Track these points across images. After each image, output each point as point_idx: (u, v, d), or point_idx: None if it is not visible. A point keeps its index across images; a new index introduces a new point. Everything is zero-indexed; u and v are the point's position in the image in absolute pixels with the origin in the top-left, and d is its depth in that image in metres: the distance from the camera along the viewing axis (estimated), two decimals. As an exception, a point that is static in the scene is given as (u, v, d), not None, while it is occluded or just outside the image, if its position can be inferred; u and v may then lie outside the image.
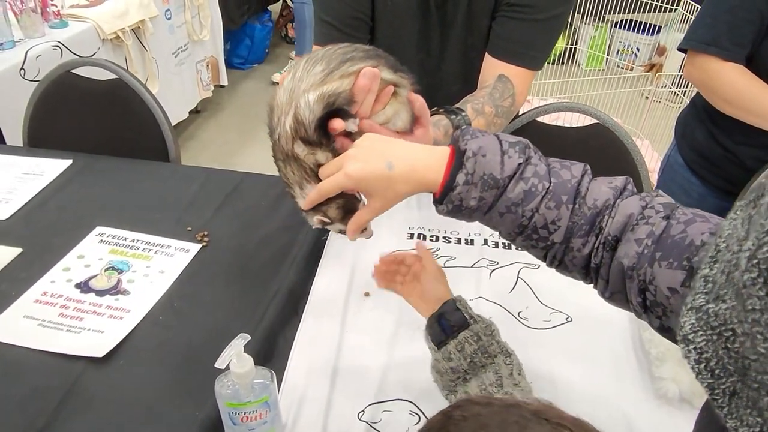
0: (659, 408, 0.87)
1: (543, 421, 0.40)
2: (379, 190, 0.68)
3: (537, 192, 0.62)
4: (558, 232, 0.62)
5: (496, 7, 1.10)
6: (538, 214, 0.62)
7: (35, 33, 2.16)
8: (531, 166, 0.63)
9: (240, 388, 0.73)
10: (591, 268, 0.63)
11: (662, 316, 0.57)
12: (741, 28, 1.22)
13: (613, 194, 0.62)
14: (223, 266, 1.12)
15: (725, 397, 0.30)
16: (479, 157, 0.62)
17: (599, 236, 0.61)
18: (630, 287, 0.59)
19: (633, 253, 0.58)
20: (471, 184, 0.63)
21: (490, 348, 0.74)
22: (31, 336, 0.95)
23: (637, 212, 0.60)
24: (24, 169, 1.37)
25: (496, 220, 0.64)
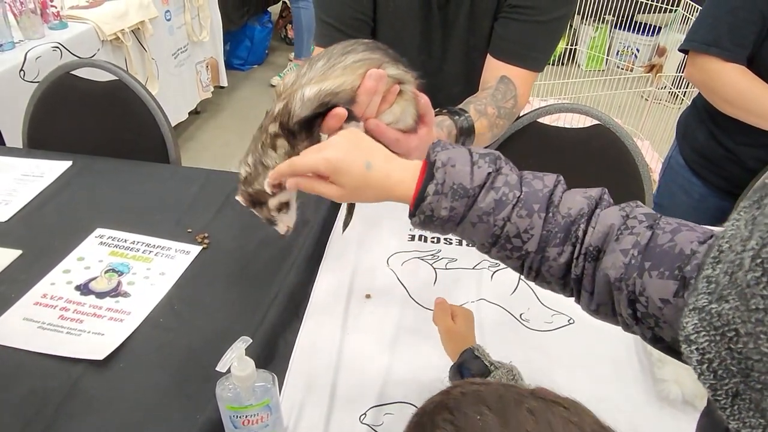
0: (661, 410, 0.86)
1: (539, 399, 0.41)
2: (349, 184, 0.67)
3: (508, 201, 0.62)
4: (531, 240, 0.62)
5: (499, 8, 1.10)
6: (510, 223, 0.62)
7: (35, 34, 2.15)
8: (502, 176, 0.63)
9: (241, 391, 0.72)
10: (571, 279, 0.63)
11: (654, 327, 0.57)
12: (742, 29, 1.22)
13: (587, 204, 0.62)
14: (223, 268, 1.12)
15: (728, 398, 0.30)
16: (448, 167, 0.63)
17: (576, 246, 0.61)
18: (619, 299, 0.58)
19: (620, 264, 0.57)
20: (441, 194, 0.62)
21: None
22: (31, 338, 0.94)
23: (619, 222, 0.60)
24: (24, 171, 1.37)
25: (469, 231, 0.64)
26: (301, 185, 0.71)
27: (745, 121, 1.29)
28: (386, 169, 0.67)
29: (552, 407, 0.41)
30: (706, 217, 1.47)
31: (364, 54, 0.76)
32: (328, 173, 0.68)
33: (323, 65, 0.74)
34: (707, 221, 1.57)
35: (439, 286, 1.09)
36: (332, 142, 0.69)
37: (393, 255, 1.16)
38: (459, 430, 0.39)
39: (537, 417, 0.39)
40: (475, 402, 0.41)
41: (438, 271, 1.12)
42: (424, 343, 0.97)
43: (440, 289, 1.08)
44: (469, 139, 0.95)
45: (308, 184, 0.70)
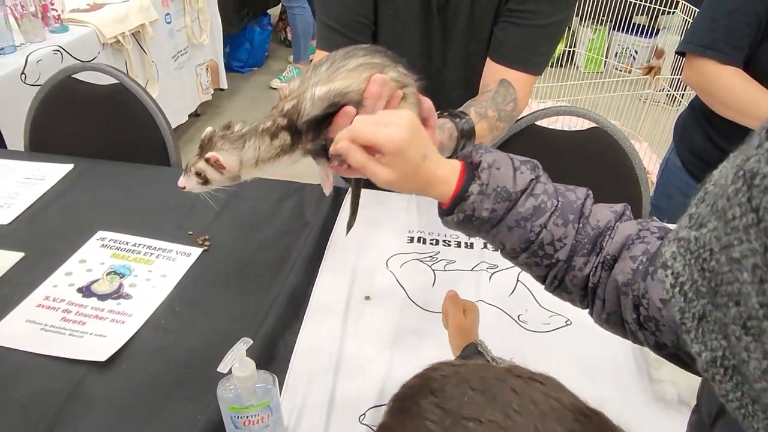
0: (658, 410, 0.87)
1: (518, 377, 0.42)
2: (403, 170, 0.64)
3: (546, 208, 0.63)
4: (563, 249, 0.63)
5: (498, 12, 1.11)
6: (546, 230, 0.63)
7: (36, 37, 2.16)
8: (540, 184, 0.64)
9: (242, 391, 0.73)
10: (589, 288, 0.64)
11: (656, 331, 0.59)
12: (739, 32, 1.23)
13: (614, 217, 0.64)
14: (224, 270, 1.13)
15: (694, 321, 0.31)
16: (493, 169, 0.64)
17: (599, 256, 0.63)
18: (625, 304, 0.60)
19: (628, 270, 0.60)
20: (485, 194, 0.63)
21: None
22: (34, 340, 0.95)
23: (634, 233, 0.62)
24: (25, 174, 1.38)
25: (503, 234, 0.65)
26: (355, 157, 0.65)
27: (742, 123, 1.30)
28: (436, 163, 0.66)
29: (531, 384, 0.42)
30: (703, 218, 1.48)
31: (365, 58, 0.77)
32: (389, 152, 0.63)
33: (327, 69, 0.76)
34: (704, 223, 1.57)
35: (438, 287, 1.10)
36: (397, 121, 0.64)
37: (392, 257, 1.17)
38: (447, 413, 0.40)
39: (520, 394, 0.41)
40: (459, 383, 0.42)
41: (437, 272, 1.13)
42: (423, 343, 0.98)
43: (439, 290, 1.09)
44: (470, 141, 0.96)
45: (362, 158, 0.64)
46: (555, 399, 0.41)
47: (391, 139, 0.63)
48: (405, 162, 0.64)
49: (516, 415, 0.39)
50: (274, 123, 0.76)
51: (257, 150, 0.76)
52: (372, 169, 0.65)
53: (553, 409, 0.40)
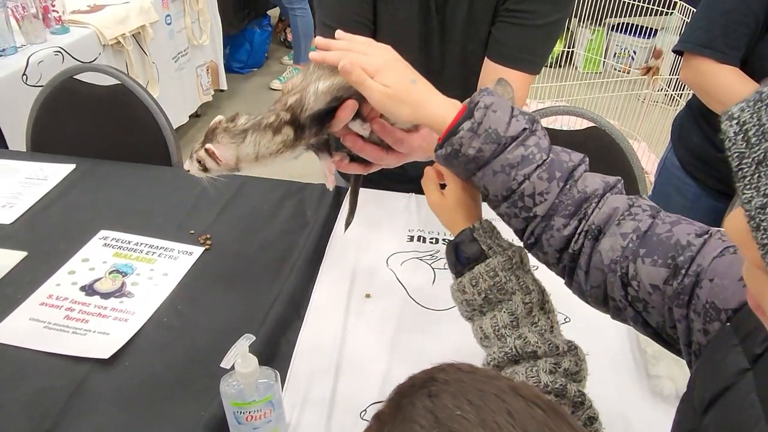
0: (655, 406, 0.88)
1: (519, 397, 0.41)
2: (394, 85, 0.70)
3: (534, 160, 0.64)
4: (543, 204, 0.64)
5: (496, 12, 1.12)
6: (528, 181, 0.64)
7: (37, 39, 2.18)
8: (534, 137, 0.65)
9: (245, 387, 0.74)
10: (567, 254, 0.65)
11: (642, 311, 0.60)
12: (736, 31, 1.24)
13: (603, 186, 0.65)
14: (225, 269, 1.13)
15: (752, 166, 0.30)
16: (489, 111, 0.65)
17: (582, 222, 0.63)
18: (612, 282, 0.61)
19: (618, 246, 0.60)
20: (474, 132, 0.65)
21: (508, 285, 0.69)
22: (37, 338, 0.96)
23: (624, 208, 0.62)
24: (28, 174, 1.39)
25: (488, 178, 0.66)
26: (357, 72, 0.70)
27: (739, 122, 1.31)
28: (427, 92, 0.71)
29: (531, 409, 0.41)
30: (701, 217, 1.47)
31: None
32: (378, 65, 0.71)
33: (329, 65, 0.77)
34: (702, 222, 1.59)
35: (438, 285, 1.11)
36: (380, 46, 0.73)
37: (392, 255, 1.18)
38: (438, 422, 0.40)
39: (515, 419, 0.40)
40: (457, 393, 0.41)
41: (437, 270, 1.14)
42: (424, 341, 0.99)
43: (439, 289, 1.10)
44: None
45: (361, 74, 0.70)
46: (550, 429, 0.40)
47: (382, 54, 0.72)
48: (395, 76, 0.70)
49: None
50: (277, 117, 0.77)
51: (257, 146, 0.77)
52: (366, 82, 0.70)
53: None
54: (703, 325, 0.54)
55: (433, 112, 0.69)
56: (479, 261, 0.70)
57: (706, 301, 0.53)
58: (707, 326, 0.53)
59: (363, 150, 0.81)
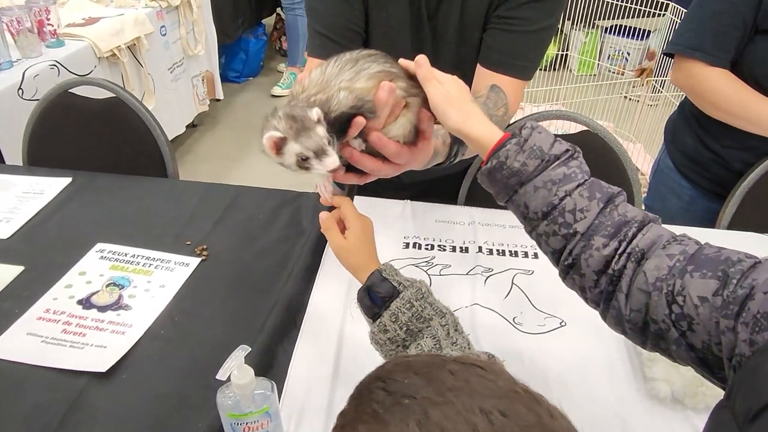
0: (652, 408, 0.88)
1: (459, 363, 0.47)
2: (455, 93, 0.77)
3: (576, 178, 0.67)
4: (583, 222, 0.66)
5: (487, 19, 1.12)
6: (570, 197, 0.66)
7: (32, 53, 2.18)
8: (576, 161, 0.69)
9: (241, 398, 0.74)
10: (606, 276, 0.64)
11: (687, 330, 0.58)
12: (725, 34, 1.25)
13: (643, 216, 0.66)
14: (222, 279, 1.14)
15: None
16: (535, 132, 0.69)
17: (623, 244, 0.64)
18: (657, 300, 0.60)
19: (664, 266, 0.61)
20: (520, 147, 0.68)
21: (424, 312, 0.76)
22: (35, 353, 0.96)
23: (668, 236, 0.64)
24: (24, 188, 1.39)
25: (529, 193, 0.68)
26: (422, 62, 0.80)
27: (731, 124, 1.32)
28: (480, 113, 0.76)
29: (470, 368, 0.46)
30: (696, 218, 1.50)
31: (384, 65, 0.80)
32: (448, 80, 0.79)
33: (351, 68, 0.78)
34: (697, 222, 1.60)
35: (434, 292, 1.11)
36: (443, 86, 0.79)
37: (388, 262, 1.18)
38: (390, 393, 0.44)
39: (456, 376, 0.45)
40: (405, 369, 0.47)
41: (432, 277, 1.15)
42: (420, 348, 0.99)
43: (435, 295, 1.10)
44: (463, 146, 0.98)
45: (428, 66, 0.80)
46: (489, 380, 0.45)
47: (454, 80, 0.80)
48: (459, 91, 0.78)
49: (448, 392, 0.43)
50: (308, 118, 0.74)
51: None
52: (435, 83, 0.78)
53: (485, 388, 0.44)
54: (750, 335, 0.53)
55: (480, 129, 0.74)
56: (393, 298, 0.76)
57: (758, 311, 0.53)
58: (755, 336, 0.52)
59: (360, 161, 0.82)
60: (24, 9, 2.19)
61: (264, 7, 4.31)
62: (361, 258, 0.82)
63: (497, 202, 0.74)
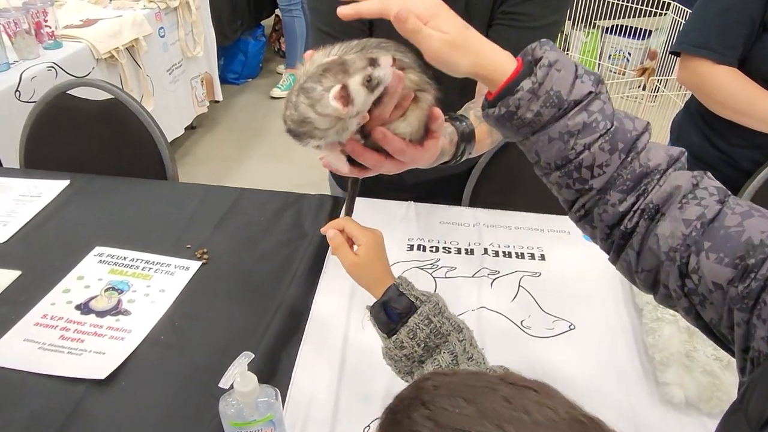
0: (666, 414, 0.86)
1: (510, 385, 0.42)
2: (452, 31, 0.65)
3: (597, 129, 0.58)
4: (600, 178, 0.59)
5: (492, 15, 1.11)
6: (588, 151, 0.58)
7: (30, 54, 2.16)
8: (599, 101, 0.59)
9: (244, 407, 0.72)
10: (618, 230, 0.60)
11: (698, 305, 0.55)
12: (732, 31, 1.23)
13: (667, 161, 0.59)
14: (223, 283, 1.12)
15: None
16: (553, 69, 0.58)
17: (640, 199, 0.58)
18: (669, 270, 0.56)
19: (679, 234, 0.55)
20: (534, 94, 0.58)
21: (443, 328, 0.72)
22: (32, 359, 0.94)
23: (687, 188, 0.57)
24: (21, 191, 1.37)
25: (541, 144, 0.60)
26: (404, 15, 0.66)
27: (739, 122, 1.30)
28: (481, 38, 0.65)
29: (523, 392, 0.41)
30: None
31: (397, 54, 0.75)
32: (431, 11, 0.66)
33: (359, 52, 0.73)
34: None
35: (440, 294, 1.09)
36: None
37: (392, 265, 1.15)
38: (440, 426, 0.39)
39: (513, 403, 0.40)
40: (450, 394, 0.41)
41: (438, 279, 1.13)
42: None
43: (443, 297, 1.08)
44: (470, 145, 0.96)
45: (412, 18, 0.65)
46: (549, 408, 0.40)
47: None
48: (451, 21, 0.65)
49: (508, 425, 0.38)
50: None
51: None
52: (428, 33, 0.65)
53: (546, 418, 0.40)
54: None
55: (495, 60, 0.63)
56: (410, 314, 0.73)
57: None
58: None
59: (362, 155, 0.79)
60: (21, 10, 2.17)
61: (263, 9, 4.29)
62: (375, 272, 0.79)
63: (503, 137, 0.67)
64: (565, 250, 1.20)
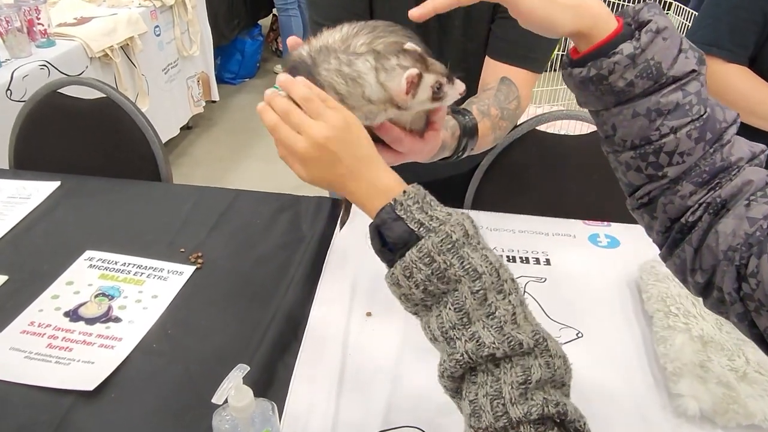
0: (680, 427, 0.83)
1: None
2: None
3: (689, 113, 0.54)
4: (678, 166, 0.55)
5: (495, 10, 1.08)
6: (674, 136, 0.54)
7: (22, 53, 2.13)
8: (697, 83, 0.55)
9: (239, 422, 0.69)
10: (679, 225, 0.56)
11: (754, 311, 0.51)
12: (743, 29, 1.20)
13: (748, 156, 0.55)
14: (218, 289, 1.08)
15: None
16: (659, 37, 0.53)
17: (711, 193, 0.54)
18: (725, 271, 0.52)
19: (741, 233, 0.51)
20: (633, 60, 0.53)
21: (449, 271, 0.53)
22: (18, 369, 0.90)
23: (759, 184, 0.53)
24: (10, 193, 1.33)
25: (623, 118, 0.55)
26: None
27: (748, 122, 1.27)
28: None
29: None
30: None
31: (403, 39, 0.72)
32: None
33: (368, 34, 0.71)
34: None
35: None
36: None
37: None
38: None
39: None
40: None
41: (440, 285, 1.09)
42: (430, 362, 0.93)
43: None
44: (472, 140, 0.93)
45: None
46: None
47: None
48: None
49: None
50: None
51: None
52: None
53: None
54: None
55: (598, 13, 0.55)
56: (409, 245, 0.55)
57: None
58: None
59: None
60: (13, 8, 2.13)
61: (260, 8, 4.26)
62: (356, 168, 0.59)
63: (577, 103, 0.61)
64: (571, 254, 1.16)
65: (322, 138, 0.59)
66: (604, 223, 1.24)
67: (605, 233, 1.22)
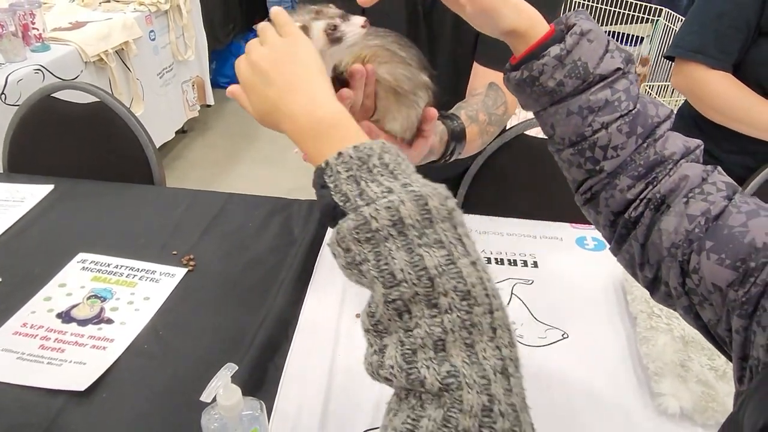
0: (661, 425, 0.84)
1: None
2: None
3: (618, 109, 0.56)
4: (613, 160, 0.57)
5: None
6: (605, 131, 0.57)
7: (16, 57, 2.13)
8: (625, 81, 0.57)
9: (228, 421, 0.70)
10: (623, 219, 0.58)
11: (698, 305, 0.53)
12: (728, 36, 1.22)
13: (682, 152, 0.57)
14: (209, 291, 1.09)
15: None
16: (584, 39, 0.56)
17: (649, 188, 0.57)
18: (670, 267, 0.54)
19: (682, 230, 0.53)
20: (560, 62, 0.57)
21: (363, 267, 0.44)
22: (10, 370, 0.91)
23: (695, 181, 0.55)
24: (3, 196, 1.34)
25: (559, 117, 0.59)
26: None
27: (732, 128, 1.29)
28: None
29: None
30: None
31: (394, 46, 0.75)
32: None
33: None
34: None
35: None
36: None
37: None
38: None
39: None
40: None
41: (429, 287, 1.10)
42: (417, 362, 0.94)
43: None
44: (460, 144, 0.94)
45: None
46: None
47: None
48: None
49: None
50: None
51: None
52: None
53: None
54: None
55: (533, 18, 0.60)
56: (337, 219, 0.46)
57: None
58: None
59: None
60: (7, 12, 2.14)
61: (255, 12, 4.27)
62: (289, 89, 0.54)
63: (520, 106, 0.64)
64: (558, 257, 1.18)
65: (256, 56, 0.57)
66: (591, 227, 1.26)
67: (592, 236, 1.24)
